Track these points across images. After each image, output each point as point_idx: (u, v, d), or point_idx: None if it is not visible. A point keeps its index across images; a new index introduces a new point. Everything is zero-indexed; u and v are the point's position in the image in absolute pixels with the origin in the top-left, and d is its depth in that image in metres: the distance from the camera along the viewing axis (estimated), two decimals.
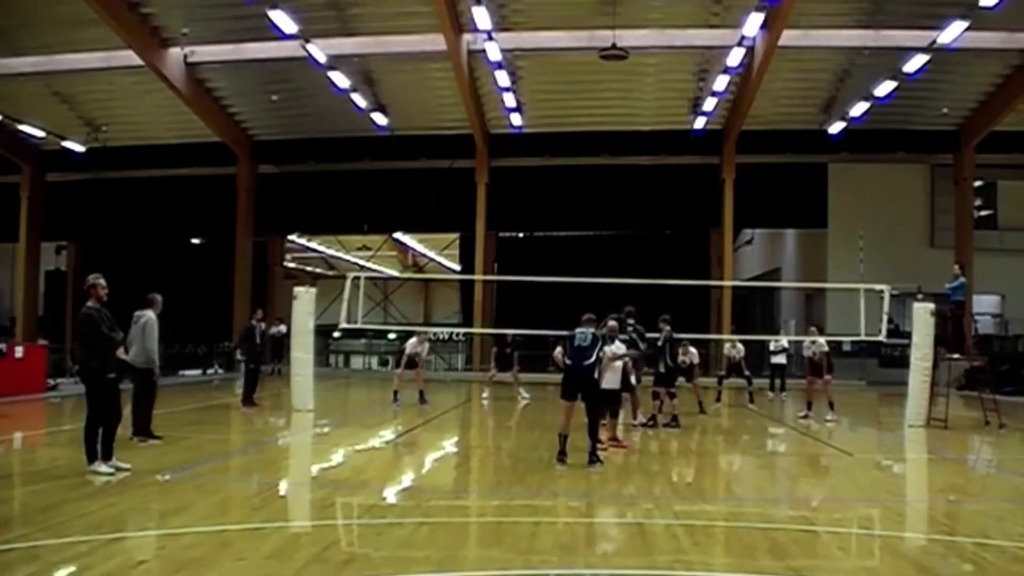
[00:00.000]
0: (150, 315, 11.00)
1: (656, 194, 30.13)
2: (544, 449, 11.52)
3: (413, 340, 17.92)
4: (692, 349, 16.86)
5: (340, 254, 46.12)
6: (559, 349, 10.12)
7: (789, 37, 23.18)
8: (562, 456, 9.71)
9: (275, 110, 28.76)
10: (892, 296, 16.52)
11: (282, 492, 8.66)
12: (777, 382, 19.90)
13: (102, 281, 8.90)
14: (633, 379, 12.94)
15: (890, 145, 28.61)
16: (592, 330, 9.95)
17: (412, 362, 17.53)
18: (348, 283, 16.62)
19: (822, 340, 16.04)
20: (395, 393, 17.13)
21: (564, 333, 10.24)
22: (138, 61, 24.59)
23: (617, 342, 11.11)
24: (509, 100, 26.38)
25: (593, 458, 9.69)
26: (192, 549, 5.97)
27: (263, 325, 17.10)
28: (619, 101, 27.97)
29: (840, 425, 15.32)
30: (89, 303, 8.85)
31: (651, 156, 29.61)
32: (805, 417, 15.72)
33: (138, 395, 11.11)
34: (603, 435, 10.71)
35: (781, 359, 19.76)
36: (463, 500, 8.58)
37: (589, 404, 9.94)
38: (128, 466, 8.78)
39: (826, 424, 15.14)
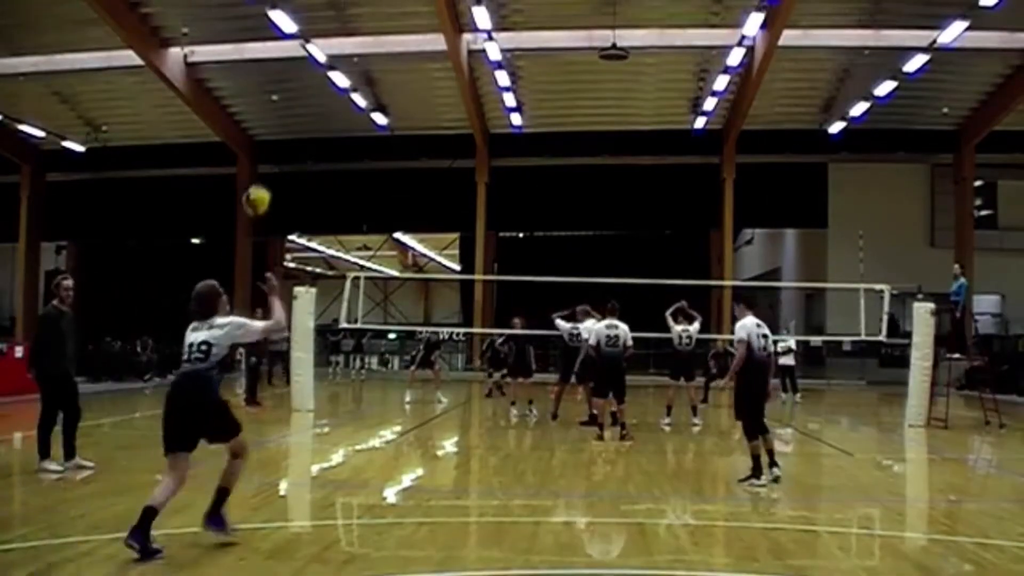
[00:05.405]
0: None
1: (656, 194, 30.12)
2: (544, 449, 11.54)
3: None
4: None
5: (340, 254, 46.09)
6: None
7: (789, 37, 23.19)
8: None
9: (275, 110, 28.76)
10: (892, 296, 16.50)
11: (282, 492, 8.65)
12: (788, 383, 19.26)
13: None
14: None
15: (890, 145, 28.61)
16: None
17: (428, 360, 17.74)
18: (348, 283, 16.62)
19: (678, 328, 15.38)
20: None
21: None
22: (138, 61, 24.59)
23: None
24: (509, 100, 26.38)
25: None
26: (192, 549, 5.97)
27: None
28: (619, 101, 27.96)
29: (839, 425, 15.26)
30: (56, 302, 8.99)
31: (651, 156, 29.59)
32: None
33: None
34: None
35: (789, 360, 19.11)
36: (463, 500, 8.57)
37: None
38: (91, 464, 8.73)
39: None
